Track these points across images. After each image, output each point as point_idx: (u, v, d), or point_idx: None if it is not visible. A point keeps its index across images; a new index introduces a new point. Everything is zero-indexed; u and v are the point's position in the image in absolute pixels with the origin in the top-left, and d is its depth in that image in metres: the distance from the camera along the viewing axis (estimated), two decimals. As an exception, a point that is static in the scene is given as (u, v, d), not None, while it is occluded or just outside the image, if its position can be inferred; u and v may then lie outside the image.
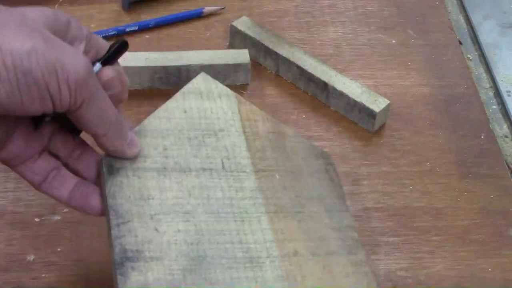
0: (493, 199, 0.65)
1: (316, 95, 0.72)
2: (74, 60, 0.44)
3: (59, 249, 0.59)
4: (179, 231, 0.51)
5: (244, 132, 0.57)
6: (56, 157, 0.51)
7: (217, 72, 0.73)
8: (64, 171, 0.51)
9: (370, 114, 0.69)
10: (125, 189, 0.51)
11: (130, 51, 0.74)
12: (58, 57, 0.43)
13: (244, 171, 0.55)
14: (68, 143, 0.51)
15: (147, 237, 0.50)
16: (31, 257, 0.58)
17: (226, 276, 0.50)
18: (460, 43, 0.81)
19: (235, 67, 0.73)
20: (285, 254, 0.52)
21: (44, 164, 0.50)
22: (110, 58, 0.49)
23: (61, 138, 0.51)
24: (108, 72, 0.48)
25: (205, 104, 0.58)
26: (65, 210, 0.61)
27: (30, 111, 0.44)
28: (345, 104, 0.70)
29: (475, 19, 0.85)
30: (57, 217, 0.61)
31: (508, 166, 0.69)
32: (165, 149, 0.54)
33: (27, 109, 0.44)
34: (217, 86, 0.59)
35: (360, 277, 0.53)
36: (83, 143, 0.52)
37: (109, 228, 0.50)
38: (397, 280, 0.59)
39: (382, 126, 0.71)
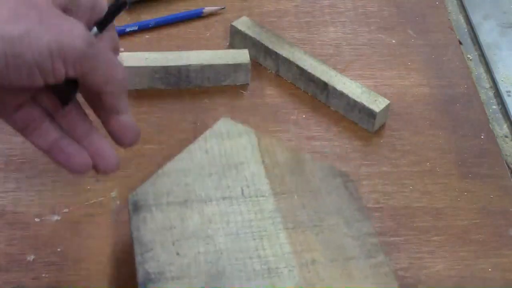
0: (493, 199, 0.65)
1: (316, 95, 0.72)
2: (72, 36, 0.43)
3: (59, 249, 0.59)
4: (199, 253, 0.54)
5: (263, 162, 0.60)
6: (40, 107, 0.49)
7: (217, 72, 0.73)
8: (47, 124, 0.49)
9: (370, 114, 0.69)
10: (149, 222, 0.56)
11: (130, 51, 0.74)
12: (54, 37, 0.42)
13: (263, 196, 0.58)
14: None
15: (169, 260, 0.53)
16: (31, 257, 0.58)
17: (244, 286, 0.52)
18: (460, 43, 0.81)
19: (235, 67, 0.73)
20: (303, 263, 0.54)
21: (25, 114, 0.48)
22: (106, 21, 0.48)
23: (48, 94, 0.49)
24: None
25: (225, 144, 0.62)
26: (65, 210, 0.61)
27: (16, 85, 0.43)
28: (345, 104, 0.70)
29: (475, 19, 0.85)
30: (57, 217, 0.61)
31: (508, 166, 0.69)
32: (187, 184, 0.58)
33: (13, 84, 0.43)
34: (237, 127, 0.63)
35: (380, 277, 0.54)
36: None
37: (134, 258, 0.54)
38: (397, 280, 0.59)
39: (382, 126, 0.71)
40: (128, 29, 0.77)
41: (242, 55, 0.73)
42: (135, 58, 0.72)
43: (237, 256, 0.54)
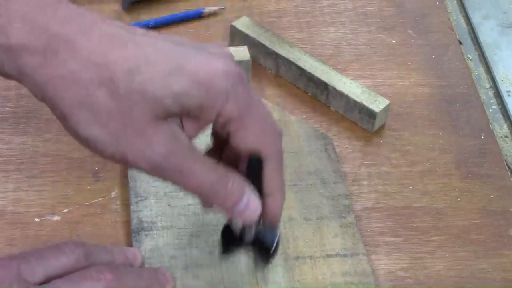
0: (493, 199, 0.65)
1: (316, 95, 0.72)
2: (136, 159, 0.44)
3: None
4: (188, 205, 0.60)
5: None
6: None
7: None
8: None
9: (370, 114, 0.69)
10: (144, 174, 0.57)
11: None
12: (119, 151, 0.44)
13: None
14: None
15: (161, 210, 0.59)
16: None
17: None
18: (460, 43, 0.81)
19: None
20: (280, 220, 0.57)
21: None
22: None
23: None
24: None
25: None
26: (65, 210, 0.61)
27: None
28: (345, 104, 0.70)
29: (475, 19, 0.85)
30: (57, 217, 0.61)
31: (508, 166, 0.69)
32: None
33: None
34: None
35: (348, 237, 0.59)
36: None
37: (129, 206, 0.60)
38: (397, 280, 0.59)
39: (382, 126, 0.71)
40: (128, 29, 0.77)
41: (242, 52, 0.72)
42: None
43: None
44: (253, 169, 0.47)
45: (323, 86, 0.71)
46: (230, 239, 0.53)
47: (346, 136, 0.69)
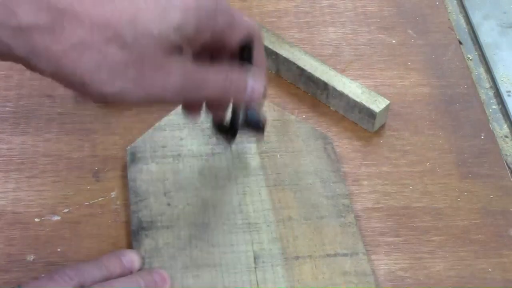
0: (493, 199, 0.65)
1: (316, 95, 0.72)
2: (163, 91, 0.47)
3: (59, 249, 0.59)
4: (188, 204, 0.60)
5: None
6: None
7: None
8: None
9: (370, 114, 0.69)
10: (144, 173, 0.62)
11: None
12: (145, 94, 0.47)
13: (249, 154, 0.64)
14: None
15: (160, 210, 0.59)
16: (31, 257, 0.58)
17: (226, 239, 0.58)
18: (460, 43, 0.81)
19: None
20: (280, 219, 0.60)
21: None
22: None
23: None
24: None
25: None
26: (65, 210, 0.61)
27: None
28: (345, 104, 0.70)
29: (475, 19, 0.85)
30: (57, 217, 0.61)
31: (508, 166, 0.69)
32: (181, 139, 0.65)
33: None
34: None
35: (347, 236, 0.60)
36: None
37: (129, 207, 0.60)
38: (397, 280, 0.59)
39: (382, 126, 0.71)
40: (128, 29, 0.77)
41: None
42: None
43: (222, 210, 0.60)
44: (248, 54, 0.53)
45: (323, 86, 0.71)
46: (223, 131, 0.59)
47: (346, 136, 0.69)
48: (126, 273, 0.54)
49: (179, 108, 0.65)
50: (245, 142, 0.65)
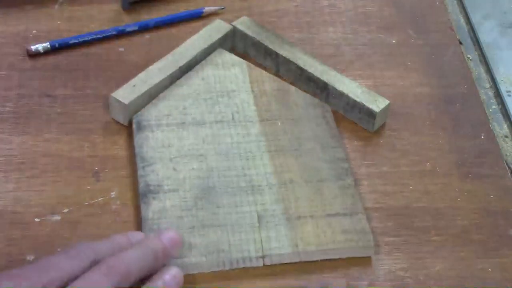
0: (493, 199, 0.65)
1: (316, 95, 0.72)
2: None
3: (59, 249, 0.58)
4: (193, 169, 0.63)
5: (252, 91, 0.69)
6: None
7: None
8: None
9: (370, 114, 0.69)
10: (150, 140, 0.64)
11: (130, 51, 0.74)
12: None
13: (251, 121, 0.67)
14: None
15: (167, 174, 0.62)
16: (31, 257, 0.58)
17: (231, 200, 0.61)
18: (460, 43, 0.81)
19: (235, 67, 0.73)
20: (282, 182, 0.62)
21: None
22: None
23: None
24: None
25: (220, 72, 0.70)
26: (65, 210, 0.61)
27: None
28: (345, 104, 0.70)
29: (475, 19, 0.85)
30: (57, 217, 0.61)
31: (508, 166, 0.69)
32: (185, 108, 0.67)
33: None
34: (231, 58, 0.72)
35: (347, 198, 0.62)
36: None
37: (136, 172, 0.62)
38: (397, 280, 0.59)
39: (382, 126, 0.71)
40: (128, 29, 0.77)
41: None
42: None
43: (226, 173, 0.62)
44: None
45: (323, 86, 0.71)
46: None
47: (346, 136, 0.69)
48: None
49: (182, 79, 0.69)
50: (246, 111, 0.67)
